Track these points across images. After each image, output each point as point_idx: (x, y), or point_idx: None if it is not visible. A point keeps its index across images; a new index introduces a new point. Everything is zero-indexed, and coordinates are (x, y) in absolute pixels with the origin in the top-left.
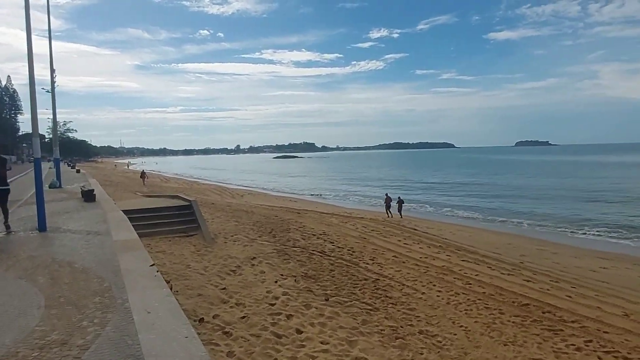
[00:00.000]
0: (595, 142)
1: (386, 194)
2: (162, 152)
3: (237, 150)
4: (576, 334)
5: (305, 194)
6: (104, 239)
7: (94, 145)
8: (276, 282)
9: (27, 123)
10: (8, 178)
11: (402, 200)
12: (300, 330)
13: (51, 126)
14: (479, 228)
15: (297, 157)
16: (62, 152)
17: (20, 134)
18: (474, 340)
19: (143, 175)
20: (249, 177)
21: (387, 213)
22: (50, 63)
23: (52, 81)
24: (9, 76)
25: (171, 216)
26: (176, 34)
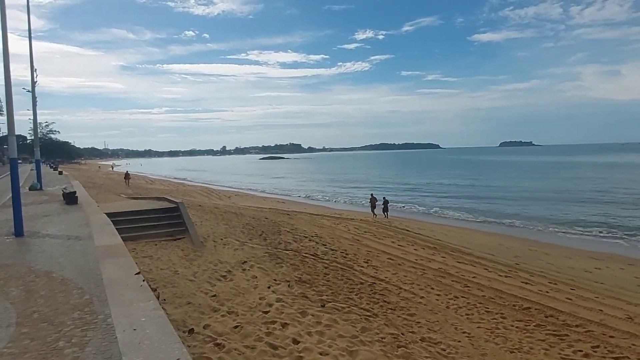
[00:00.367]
0: (578, 143)
1: (371, 194)
2: (147, 153)
3: (223, 151)
4: (582, 339)
5: (293, 194)
6: (85, 244)
7: (77, 146)
8: (269, 287)
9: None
10: None
11: (387, 201)
12: (297, 340)
13: (32, 127)
14: (469, 229)
15: (284, 158)
16: (45, 154)
17: (1, 135)
18: (479, 347)
19: (127, 176)
20: (235, 179)
21: (373, 214)
22: (31, 61)
23: (33, 80)
24: None
25: (158, 219)
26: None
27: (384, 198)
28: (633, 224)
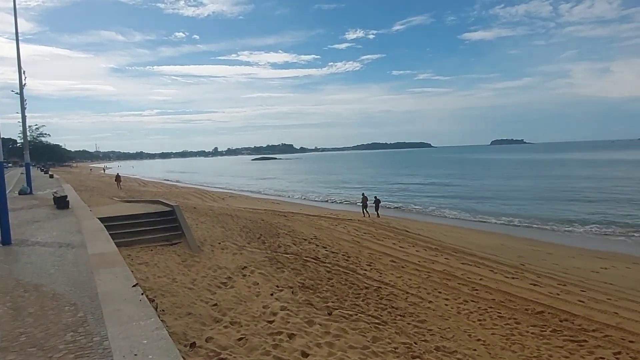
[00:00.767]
0: (569, 140)
1: (363, 194)
2: (139, 155)
3: (215, 152)
4: (602, 345)
5: (288, 195)
6: (78, 252)
7: (68, 149)
8: (272, 294)
9: None
10: None
11: (379, 200)
12: (306, 353)
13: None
14: (468, 228)
15: (276, 158)
16: (35, 157)
17: None
18: (496, 356)
19: (118, 178)
20: (228, 180)
21: (363, 212)
22: (18, 63)
23: (21, 82)
24: None
25: (152, 223)
26: (151, 36)
27: (375, 197)
28: (632, 221)
